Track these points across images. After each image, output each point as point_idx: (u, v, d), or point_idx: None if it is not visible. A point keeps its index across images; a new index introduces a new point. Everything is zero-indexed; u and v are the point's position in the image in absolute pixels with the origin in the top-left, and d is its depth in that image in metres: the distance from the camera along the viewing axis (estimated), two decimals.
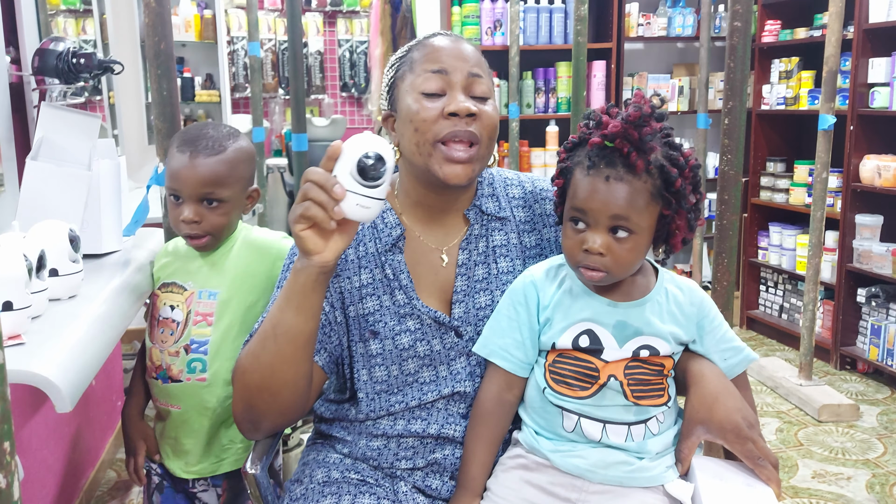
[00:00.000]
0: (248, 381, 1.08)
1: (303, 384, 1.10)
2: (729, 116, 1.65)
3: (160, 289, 1.50)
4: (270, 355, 1.06)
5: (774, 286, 4.10)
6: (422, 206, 1.20)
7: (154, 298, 1.50)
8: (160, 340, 1.46)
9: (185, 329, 1.44)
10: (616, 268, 1.06)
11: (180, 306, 1.46)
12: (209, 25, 4.09)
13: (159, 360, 1.46)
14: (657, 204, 1.05)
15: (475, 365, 1.18)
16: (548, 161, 4.35)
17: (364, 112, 6.77)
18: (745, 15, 1.61)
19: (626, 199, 1.03)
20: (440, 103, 1.11)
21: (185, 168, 1.38)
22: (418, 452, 1.16)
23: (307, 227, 0.98)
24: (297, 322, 1.04)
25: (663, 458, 1.10)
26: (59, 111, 1.61)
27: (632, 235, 1.04)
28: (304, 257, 1.01)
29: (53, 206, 1.51)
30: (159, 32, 1.49)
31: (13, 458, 0.58)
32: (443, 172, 1.10)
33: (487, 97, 1.14)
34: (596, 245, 1.04)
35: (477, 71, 1.14)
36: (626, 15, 4.30)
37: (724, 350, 1.14)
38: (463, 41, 1.18)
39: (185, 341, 1.44)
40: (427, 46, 1.16)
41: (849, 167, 3.40)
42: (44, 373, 0.98)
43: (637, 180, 1.03)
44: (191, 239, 1.43)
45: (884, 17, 3.23)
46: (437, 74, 1.12)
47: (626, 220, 1.04)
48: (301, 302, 1.03)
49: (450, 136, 1.10)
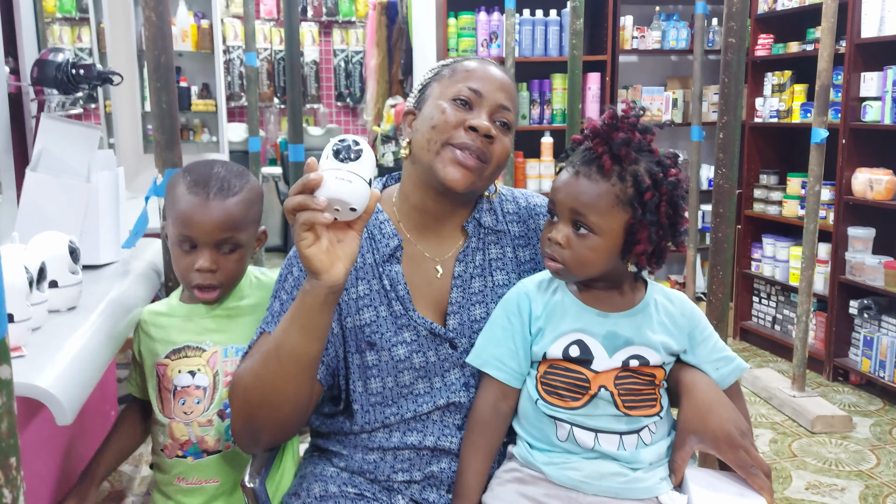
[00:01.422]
0: (249, 398, 1.08)
1: (304, 401, 1.10)
2: (724, 130, 1.66)
3: (169, 357, 1.32)
4: (272, 374, 1.05)
5: (767, 297, 4.12)
6: (418, 212, 1.21)
7: (161, 369, 1.32)
8: (182, 413, 1.29)
9: (216, 393, 1.29)
10: (572, 262, 1.08)
11: (203, 370, 1.30)
12: (206, 35, 4.10)
13: (185, 434, 1.29)
14: (625, 211, 1.07)
15: (469, 376, 1.18)
16: (542, 172, 4.37)
17: (359, 122, 6.78)
18: (739, 31, 1.63)
19: (586, 196, 1.06)
20: (464, 115, 1.15)
21: (199, 212, 1.24)
22: (415, 465, 1.17)
23: (311, 244, 0.98)
24: (302, 343, 1.03)
25: (657, 469, 1.11)
26: (58, 123, 1.62)
27: (592, 235, 1.07)
28: (313, 278, 1.00)
29: (52, 218, 1.51)
30: (159, 46, 1.50)
31: (20, 472, 0.58)
32: (444, 172, 1.13)
33: (509, 128, 1.18)
34: (557, 235, 1.08)
35: (507, 104, 1.18)
36: (621, 28, 4.33)
37: (716, 360, 1.15)
38: (506, 76, 1.21)
39: (219, 406, 1.29)
40: (476, 64, 1.20)
41: (841, 180, 3.43)
42: (44, 385, 0.98)
43: (604, 181, 1.06)
44: (202, 291, 1.29)
45: (875, 31, 3.27)
46: (472, 92, 1.16)
47: (584, 216, 1.07)
48: (306, 323, 1.02)
49: (463, 144, 1.13)
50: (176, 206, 1.28)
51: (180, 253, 1.28)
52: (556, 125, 4.37)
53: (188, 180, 1.28)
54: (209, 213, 1.25)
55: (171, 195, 1.30)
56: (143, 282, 1.55)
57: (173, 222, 1.29)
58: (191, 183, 1.27)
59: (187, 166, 1.34)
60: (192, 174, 1.29)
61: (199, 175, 1.28)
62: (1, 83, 1.84)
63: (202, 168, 1.30)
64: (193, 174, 1.29)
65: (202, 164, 1.32)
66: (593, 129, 1.09)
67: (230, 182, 1.28)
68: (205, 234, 1.26)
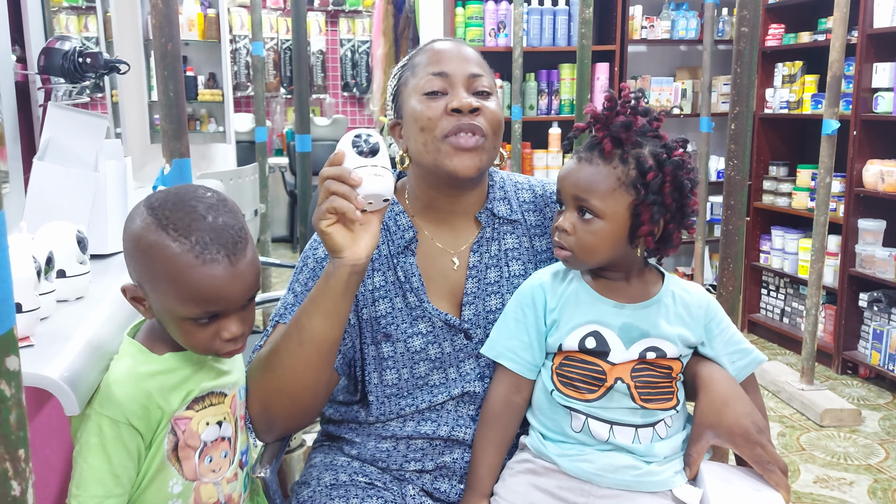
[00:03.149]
0: (268, 384, 1.08)
1: (322, 388, 1.10)
2: (735, 122, 1.64)
3: (192, 408, 1.03)
4: (294, 359, 1.05)
5: (776, 290, 4.10)
6: (432, 210, 1.21)
7: (184, 424, 1.03)
8: (211, 471, 1.05)
9: (237, 441, 1.09)
10: (578, 249, 1.08)
11: (227, 418, 1.07)
12: (213, 24, 4.09)
13: (214, 496, 1.06)
14: (629, 193, 1.06)
15: (484, 367, 1.18)
16: (550, 163, 4.35)
17: (365, 112, 6.77)
18: (752, 20, 1.61)
19: (588, 180, 1.07)
20: (443, 101, 1.13)
21: (228, 282, 0.96)
22: (427, 454, 1.16)
23: (333, 223, 0.99)
24: (325, 328, 1.03)
25: (671, 462, 1.10)
26: (65, 112, 1.61)
27: (596, 219, 1.06)
28: (336, 256, 1.01)
29: (60, 207, 1.50)
30: (166, 34, 1.49)
31: (28, 464, 0.57)
32: (453, 165, 1.11)
33: (490, 93, 1.16)
34: (564, 223, 1.08)
35: (477, 71, 1.16)
36: (630, 17, 4.30)
37: (733, 352, 1.14)
38: (463, 44, 1.20)
39: (240, 456, 1.10)
40: (428, 51, 1.19)
41: (852, 172, 3.40)
42: (53, 375, 0.98)
43: (606, 165, 1.06)
44: (230, 354, 1.04)
45: (888, 22, 3.23)
46: (439, 77, 1.14)
47: (586, 201, 1.06)
48: (330, 307, 1.02)
49: (455, 129, 1.11)
50: (180, 280, 0.96)
51: (194, 327, 0.99)
52: (564, 116, 4.34)
53: (187, 245, 0.95)
54: (240, 278, 0.97)
55: (157, 263, 0.97)
56: None
57: (177, 299, 0.97)
58: (196, 247, 0.95)
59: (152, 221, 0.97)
60: (185, 232, 0.96)
61: (197, 233, 0.96)
62: (8, 72, 1.83)
63: (186, 219, 0.96)
64: (188, 232, 0.96)
65: (179, 212, 0.97)
66: (594, 114, 1.09)
67: (234, 226, 0.99)
68: (236, 303, 0.99)
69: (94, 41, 3.82)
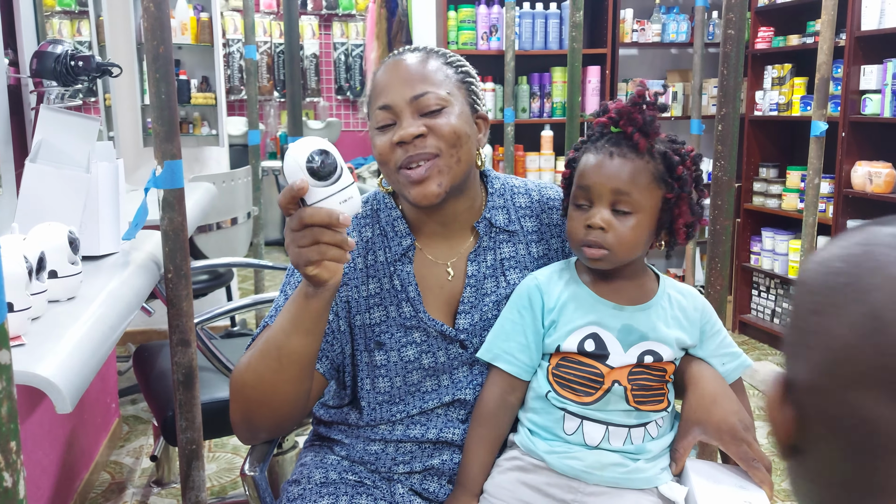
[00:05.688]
0: (249, 396, 1.08)
1: (303, 399, 1.10)
2: (722, 123, 1.66)
3: None
4: (273, 374, 1.04)
5: (766, 291, 4.12)
6: (423, 223, 1.20)
7: None
8: None
9: None
10: (617, 245, 1.07)
11: None
12: (206, 28, 4.09)
13: None
14: (660, 187, 1.08)
15: (476, 374, 1.18)
16: (542, 165, 4.37)
17: (359, 115, 6.78)
18: (738, 23, 1.63)
19: (628, 175, 1.06)
20: (391, 133, 1.11)
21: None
22: (416, 457, 1.17)
23: (319, 266, 0.94)
24: (305, 344, 1.02)
25: (658, 459, 1.11)
26: (57, 114, 1.62)
27: (633, 214, 1.07)
28: (320, 287, 0.97)
29: (52, 209, 1.51)
30: (158, 37, 1.49)
31: (19, 456, 0.58)
32: (412, 196, 1.11)
33: (441, 107, 1.11)
34: (598, 220, 1.06)
35: (421, 90, 1.11)
36: (621, 21, 4.32)
37: (723, 355, 1.15)
38: (402, 63, 1.14)
39: None
40: (375, 83, 1.16)
41: (840, 173, 3.43)
42: (44, 374, 0.99)
43: (640, 159, 1.07)
44: None
45: (876, 24, 3.26)
46: (383, 110, 1.12)
47: (627, 195, 1.06)
48: (311, 326, 1.01)
49: (405, 162, 1.10)
50: None
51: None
52: (556, 118, 4.36)
53: None
54: None
55: None
56: (143, 273, 1.55)
57: None
58: None
59: None
60: None
61: None
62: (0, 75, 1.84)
63: None
64: None
65: None
66: (619, 110, 1.09)
67: None
68: None
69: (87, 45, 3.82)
